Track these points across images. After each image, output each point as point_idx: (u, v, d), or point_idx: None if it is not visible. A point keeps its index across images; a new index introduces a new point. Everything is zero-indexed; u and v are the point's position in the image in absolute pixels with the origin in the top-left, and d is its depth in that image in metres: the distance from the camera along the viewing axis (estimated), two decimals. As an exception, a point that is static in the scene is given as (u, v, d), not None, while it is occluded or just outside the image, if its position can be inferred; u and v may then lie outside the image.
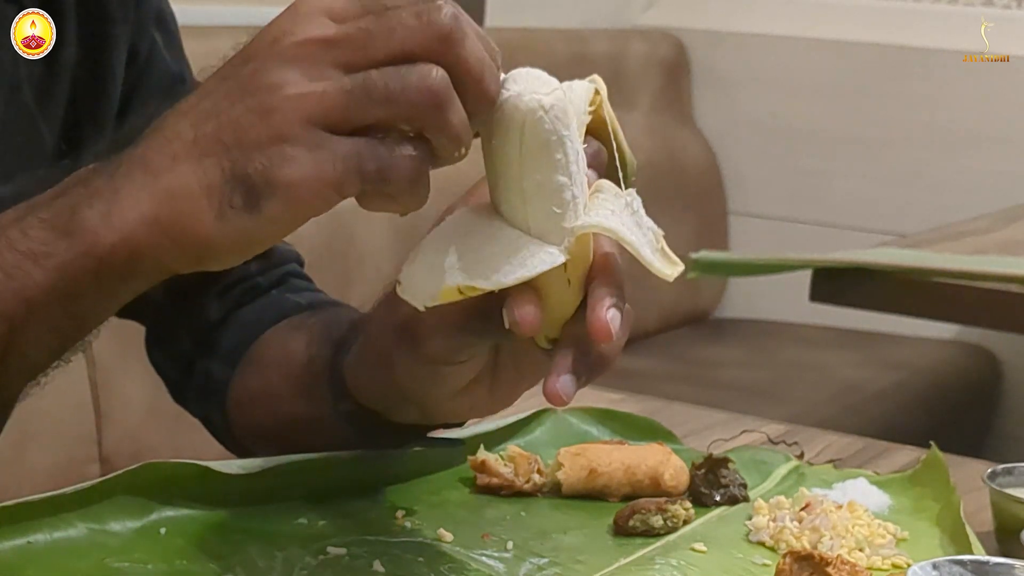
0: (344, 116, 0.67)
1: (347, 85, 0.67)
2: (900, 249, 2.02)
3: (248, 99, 0.68)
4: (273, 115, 0.67)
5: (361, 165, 0.67)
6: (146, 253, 0.71)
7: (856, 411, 2.54)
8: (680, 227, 2.98)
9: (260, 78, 0.68)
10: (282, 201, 0.67)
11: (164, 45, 1.04)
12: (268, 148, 0.67)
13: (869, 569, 0.84)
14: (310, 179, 0.67)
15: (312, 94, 0.67)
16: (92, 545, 0.78)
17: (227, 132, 0.68)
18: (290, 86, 0.67)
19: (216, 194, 0.68)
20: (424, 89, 0.67)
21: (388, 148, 0.68)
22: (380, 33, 0.68)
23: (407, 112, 0.67)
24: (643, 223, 0.74)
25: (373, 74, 0.67)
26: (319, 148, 0.67)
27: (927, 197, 2.95)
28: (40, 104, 0.95)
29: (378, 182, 0.68)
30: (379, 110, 0.67)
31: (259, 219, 0.68)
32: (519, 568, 0.82)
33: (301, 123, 0.67)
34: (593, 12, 3.20)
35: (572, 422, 1.06)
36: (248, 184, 0.68)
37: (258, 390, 0.99)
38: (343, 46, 0.68)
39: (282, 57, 0.68)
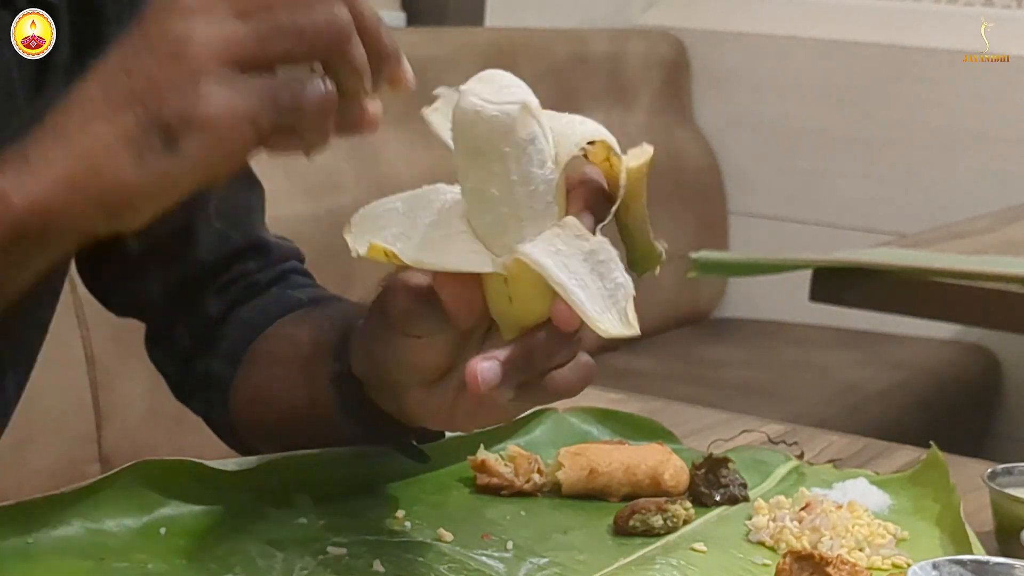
0: (254, 53, 0.69)
1: (255, 26, 0.69)
2: (900, 249, 2.02)
3: (156, 49, 0.70)
4: (184, 58, 0.69)
5: (275, 96, 0.69)
6: (61, 216, 0.71)
7: (856, 411, 2.54)
8: (680, 227, 2.98)
9: (165, 30, 0.70)
10: (200, 138, 0.68)
11: None
12: (182, 89, 0.68)
13: (869, 569, 0.84)
14: (227, 113, 0.68)
15: (221, 35, 0.69)
16: (92, 545, 0.78)
17: (138, 83, 0.69)
18: (197, 31, 0.69)
19: (134, 142, 0.69)
20: (331, 23, 0.69)
21: (299, 81, 0.70)
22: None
23: (315, 44, 0.70)
24: (608, 276, 0.73)
25: (281, 12, 0.69)
26: (232, 85, 0.68)
27: (927, 197, 2.94)
28: (33, 107, 0.95)
29: (291, 113, 0.69)
30: (287, 44, 0.69)
31: (179, 159, 0.69)
32: (519, 568, 0.82)
33: (213, 62, 0.68)
34: (593, 12, 3.20)
35: (572, 422, 1.06)
36: (165, 125, 0.68)
37: (263, 384, 0.99)
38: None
39: (184, 8, 0.70)
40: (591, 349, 0.77)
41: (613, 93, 2.99)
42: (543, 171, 0.72)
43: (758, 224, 3.17)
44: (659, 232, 0.77)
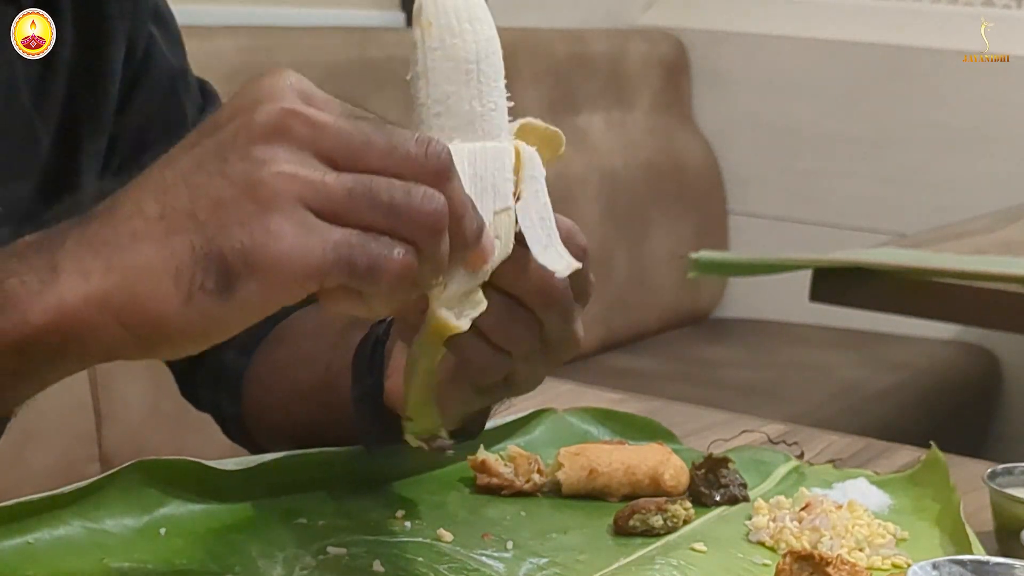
0: (338, 211, 0.62)
1: (348, 182, 0.62)
2: (900, 249, 2.02)
3: (229, 170, 0.62)
4: (260, 189, 0.61)
5: (352, 256, 0.62)
6: (85, 336, 0.64)
7: (856, 411, 2.54)
8: (680, 227, 2.98)
9: (245, 151, 0.62)
10: (260, 284, 0.61)
11: (163, 40, 1.04)
12: (251, 224, 0.61)
13: (869, 569, 0.84)
14: (295, 261, 0.61)
15: (307, 178, 0.62)
16: (91, 545, 0.78)
17: (202, 206, 0.62)
18: (281, 163, 0.62)
19: (185, 275, 0.62)
20: (430, 212, 0.63)
21: (381, 245, 0.62)
22: (379, 145, 0.64)
23: (406, 229, 0.63)
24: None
25: (377, 179, 0.63)
26: (309, 230, 0.61)
27: (927, 197, 2.95)
28: (36, 104, 0.95)
29: (365, 279, 0.62)
30: (379, 218, 0.62)
31: (230, 304, 0.62)
32: (519, 568, 0.82)
33: (292, 201, 0.61)
34: (593, 12, 3.20)
35: (572, 422, 1.06)
36: (224, 264, 0.61)
37: (283, 360, 0.99)
38: (337, 139, 0.63)
39: (268, 127, 0.62)
40: (591, 349, 0.77)
41: (613, 93, 2.99)
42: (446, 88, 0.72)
43: (758, 224, 3.17)
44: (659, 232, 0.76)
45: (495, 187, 0.72)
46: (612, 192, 2.82)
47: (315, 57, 2.33)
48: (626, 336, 2.85)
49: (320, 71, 2.31)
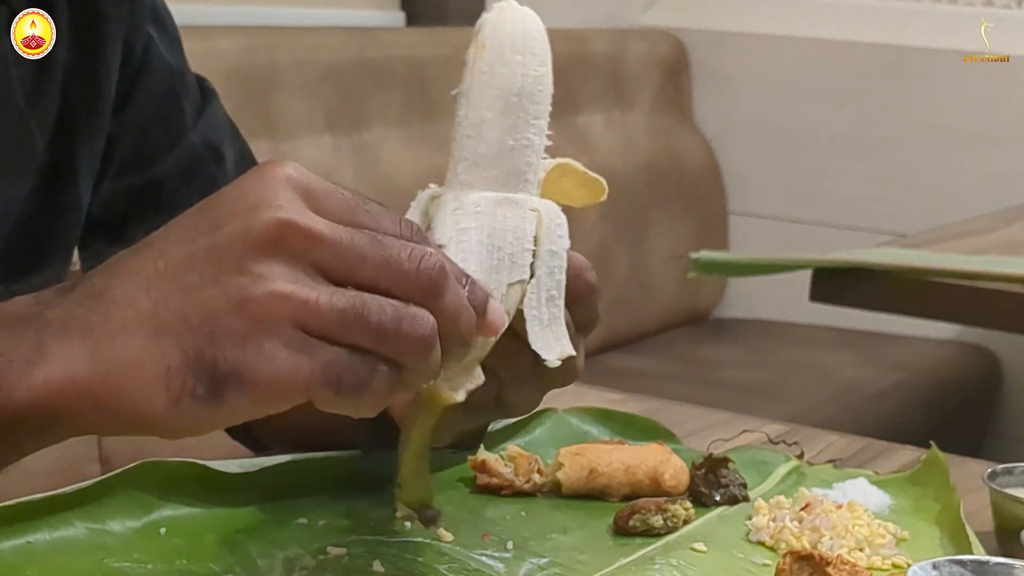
0: (327, 332, 0.63)
1: (339, 303, 0.63)
2: (900, 249, 2.02)
3: (223, 280, 0.63)
4: (254, 306, 0.62)
5: (340, 376, 0.63)
6: (66, 418, 0.65)
7: (856, 411, 2.54)
8: (680, 227, 2.98)
9: (238, 259, 0.63)
10: (248, 397, 0.63)
11: (160, 41, 1.04)
12: (244, 340, 0.62)
13: (869, 569, 0.84)
14: (285, 380, 0.63)
15: (299, 298, 0.63)
16: (92, 545, 0.78)
17: (195, 313, 0.63)
18: (275, 281, 0.63)
19: (176, 380, 0.62)
20: (417, 337, 0.64)
21: (368, 365, 0.64)
22: (374, 258, 0.65)
23: (394, 350, 0.64)
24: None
25: (368, 300, 0.64)
26: (299, 350, 0.63)
27: (927, 197, 2.95)
28: (31, 105, 0.95)
29: (350, 397, 0.64)
30: (367, 338, 0.64)
31: (218, 411, 0.63)
32: (519, 568, 0.82)
33: (284, 322, 0.62)
34: (593, 12, 3.20)
35: (572, 422, 1.06)
36: (215, 374, 0.62)
37: None
38: (331, 253, 0.64)
39: (264, 239, 0.63)
40: (591, 349, 0.77)
41: (613, 93, 2.99)
42: (484, 114, 0.72)
43: (758, 224, 3.17)
44: (659, 232, 0.76)
45: (512, 259, 0.72)
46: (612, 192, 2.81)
47: (315, 57, 2.32)
48: (626, 336, 2.85)
49: (320, 71, 2.31)
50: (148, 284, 0.64)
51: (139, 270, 0.65)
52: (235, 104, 2.03)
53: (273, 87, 2.23)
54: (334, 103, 2.33)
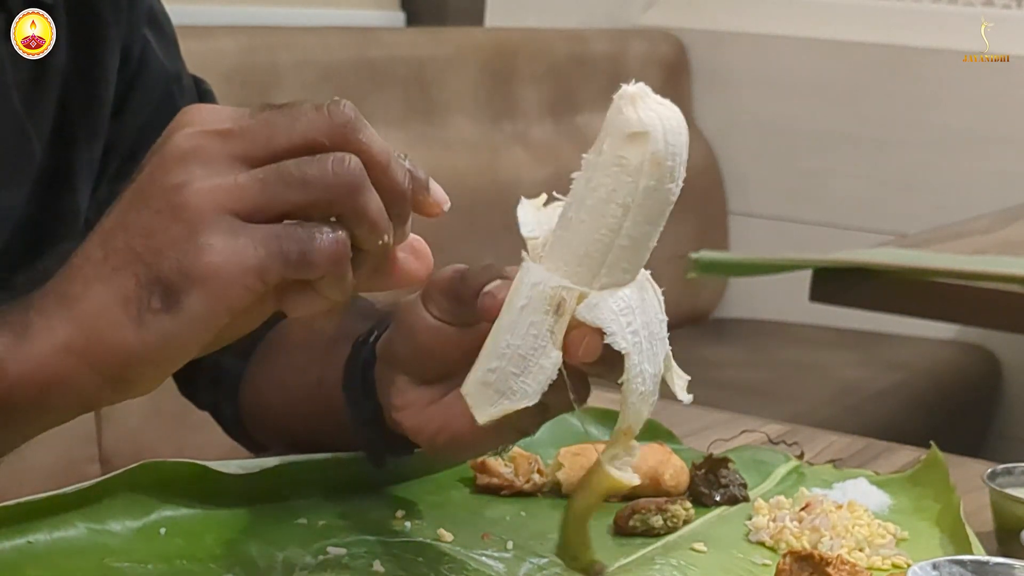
0: (258, 204, 0.65)
1: (259, 174, 0.65)
2: (900, 249, 2.02)
3: (153, 202, 0.66)
4: (183, 210, 0.64)
5: (282, 247, 0.64)
6: (59, 384, 0.68)
7: (856, 411, 2.54)
8: (680, 227, 2.97)
9: (161, 180, 0.66)
10: (202, 294, 0.64)
11: (157, 44, 1.04)
12: (181, 242, 0.64)
13: (869, 569, 0.84)
14: (230, 266, 0.64)
15: (222, 184, 0.65)
16: (92, 545, 0.78)
17: (136, 240, 0.66)
18: (196, 180, 0.65)
19: (132, 302, 0.65)
20: (341, 173, 0.65)
21: (308, 231, 0.65)
22: (281, 124, 0.66)
23: (324, 196, 0.65)
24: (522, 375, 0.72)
25: (289, 163, 0.65)
26: (236, 234, 0.64)
27: (927, 197, 2.94)
28: (28, 109, 0.95)
29: (300, 266, 0.65)
30: (295, 194, 0.65)
31: (180, 318, 0.65)
32: (519, 568, 0.82)
33: (213, 211, 0.64)
34: (593, 12, 3.20)
35: (572, 422, 1.05)
36: (165, 283, 0.64)
37: (277, 369, 0.99)
38: (243, 137, 0.66)
39: (178, 154, 0.66)
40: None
41: (613, 93, 2.98)
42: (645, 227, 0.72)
43: (758, 224, 3.17)
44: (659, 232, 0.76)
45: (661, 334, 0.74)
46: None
47: (315, 57, 2.32)
48: (626, 336, 2.84)
49: (320, 71, 2.31)
50: (99, 239, 0.68)
51: (93, 234, 0.68)
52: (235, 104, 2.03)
53: (273, 87, 2.22)
54: (334, 103, 2.32)
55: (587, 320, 0.71)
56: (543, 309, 0.71)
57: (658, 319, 0.74)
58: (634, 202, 0.70)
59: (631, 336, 0.71)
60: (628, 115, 0.70)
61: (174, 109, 1.05)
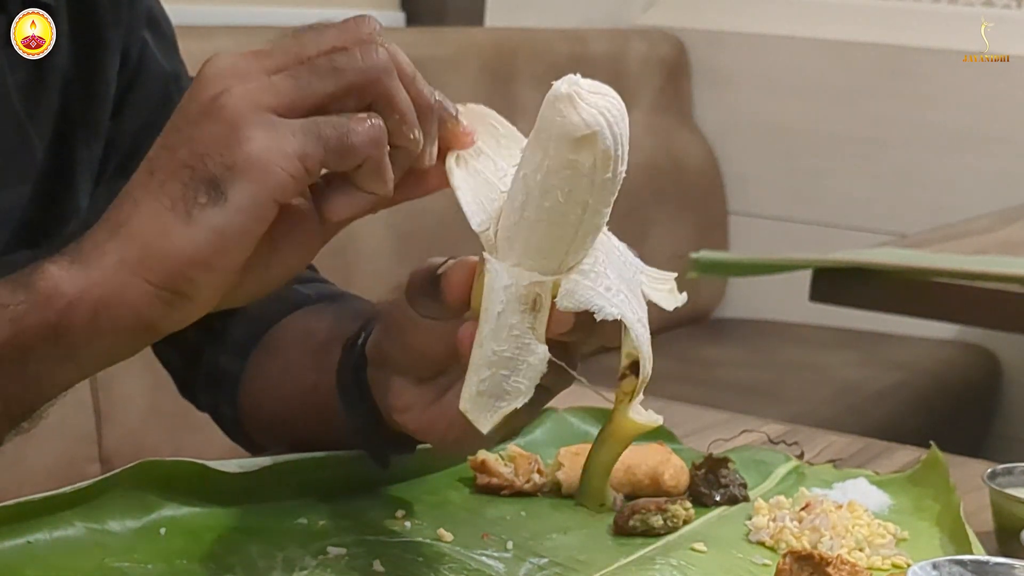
0: (294, 98, 0.68)
1: (293, 73, 0.68)
2: (900, 249, 2.02)
3: (193, 116, 0.69)
4: (222, 112, 0.68)
5: (321, 132, 0.67)
6: (116, 299, 0.69)
7: (856, 411, 2.54)
8: (680, 227, 2.98)
9: (198, 96, 0.69)
10: (247, 183, 0.67)
11: (156, 45, 1.04)
12: (223, 140, 0.67)
13: (869, 569, 0.84)
14: (271, 153, 0.67)
15: (257, 86, 0.68)
16: (92, 545, 0.78)
17: (181, 152, 0.68)
18: (233, 88, 0.68)
19: (180, 204, 0.68)
20: (370, 59, 0.68)
21: (344, 118, 0.68)
22: (310, 37, 0.69)
23: (355, 80, 0.69)
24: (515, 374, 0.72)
25: (319, 60, 0.69)
26: (275, 127, 0.67)
27: (927, 197, 2.95)
28: (29, 111, 0.95)
29: (340, 150, 0.68)
30: (327, 84, 0.68)
31: (228, 209, 0.67)
32: (519, 568, 0.82)
33: (252, 110, 0.67)
34: (593, 12, 3.20)
35: (572, 422, 1.06)
36: (210, 179, 0.67)
37: (274, 372, 0.99)
38: (275, 54, 0.69)
39: (214, 73, 0.69)
40: (592, 349, 0.78)
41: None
42: (604, 212, 0.72)
43: (758, 224, 3.17)
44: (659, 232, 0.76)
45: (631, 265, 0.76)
46: (612, 192, 2.81)
47: (315, 57, 2.32)
48: (626, 336, 2.84)
49: (320, 71, 2.31)
50: (145, 165, 0.70)
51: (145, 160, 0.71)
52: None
53: (273, 87, 2.22)
54: (334, 103, 2.32)
55: (570, 308, 0.71)
56: (520, 309, 0.71)
57: (623, 261, 0.74)
58: (592, 197, 0.70)
59: (615, 298, 0.72)
60: (571, 119, 0.69)
61: (172, 109, 1.05)
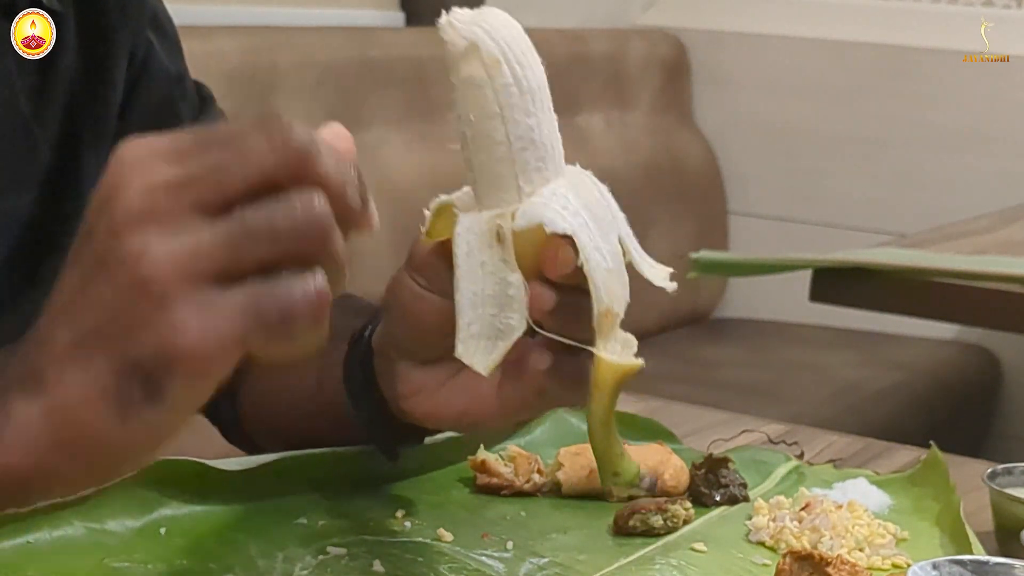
0: (226, 265, 0.59)
1: (221, 230, 0.59)
2: (900, 249, 2.02)
3: (114, 276, 0.59)
4: (148, 285, 0.58)
5: (260, 310, 0.59)
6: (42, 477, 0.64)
7: (856, 411, 2.54)
8: (680, 227, 2.98)
9: (117, 249, 0.59)
10: (184, 378, 0.59)
11: (160, 47, 1.04)
12: (152, 323, 0.58)
13: (869, 569, 0.84)
14: (209, 343, 0.58)
15: (183, 250, 0.58)
16: (92, 545, 0.78)
17: (102, 319, 0.60)
18: (155, 246, 0.58)
19: (112, 394, 0.60)
20: (312, 219, 0.59)
21: (285, 287, 0.59)
22: (233, 165, 0.59)
23: (296, 246, 0.59)
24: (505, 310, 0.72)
25: (249, 211, 0.59)
26: (209, 306, 0.58)
27: (927, 197, 2.95)
28: (36, 113, 0.94)
29: (282, 327, 0.59)
30: (264, 249, 0.59)
31: (165, 407, 0.60)
32: (519, 568, 0.82)
33: (181, 284, 0.58)
34: (593, 12, 3.20)
35: (572, 422, 1.06)
36: (143, 371, 0.59)
37: (277, 371, 0.99)
38: (194, 186, 0.59)
39: (130, 217, 0.59)
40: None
41: (613, 93, 2.99)
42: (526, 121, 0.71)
43: (758, 224, 3.17)
44: (659, 232, 0.76)
45: (612, 212, 0.74)
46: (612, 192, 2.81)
47: (315, 57, 2.32)
48: (626, 336, 2.85)
49: (320, 71, 2.31)
50: (63, 316, 0.62)
51: (52, 306, 0.63)
52: (235, 104, 2.03)
53: (273, 87, 2.23)
54: (334, 103, 2.33)
55: (524, 226, 0.71)
56: (486, 244, 0.72)
57: (601, 203, 0.73)
58: (501, 105, 0.70)
59: (572, 217, 0.71)
60: (450, 40, 0.70)
61: (175, 112, 1.05)
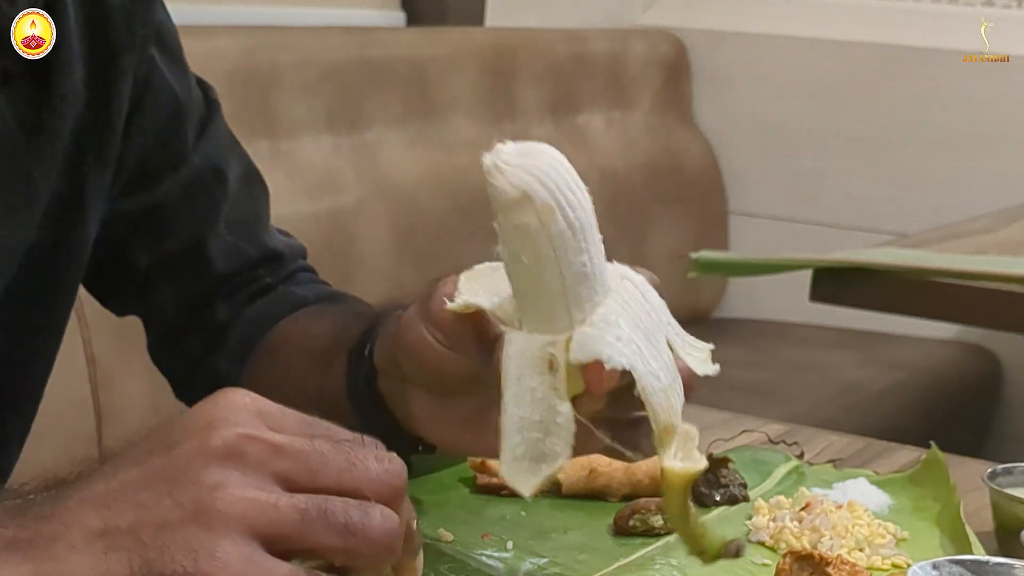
0: (289, 534, 0.58)
1: (301, 504, 0.59)
2: (900, 249, 2.02)
3: (178, 494, 0.58)
4: (208, 514, 0.57)
5: None
6: None
7: (856, 411, 2.54)
8: (680, 227, 2.98)
9: (198, 471, 0.59)
10: None
11: (163, 63, 1.02)
12: (196, 549, 0.57)
13: (869, 569, 0.84)
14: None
15: (258, 500, 0.58)
16: None
17: (146, 527, 0.58)
18: (232, 486, 0.58)
19: None
20: (386, 532, 0.60)
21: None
22: (335, 464, 0.61)
23: (362, 549, 0.59)
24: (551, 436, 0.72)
25: (333, 499, 0.59)
26: (254, 563, 0.57)
27: (927, 197, 2.94)
28: (34, 142, 0.92)
29: None
30: (334, 539, 0.59)
31: None
32: (519, 568, 0.82)
33: (240, 529, 0.57)
34: (593, 12, 3.20)
35: (572, 422, 1.06)
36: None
37: (274, 374, 0.99)
38: (292, 459, 0.60)
39: (221, 451, 0.59)
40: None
41: (613, 93, 2.99)
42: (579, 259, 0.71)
43: (758, 224, 3.17)
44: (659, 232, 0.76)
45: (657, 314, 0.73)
46: (612, 192, 2.82)
47: (315, 57, 2.32)
48: (626, 336, 2.84)
49: (320, 71, 2.31)
50: (99, 503, 0.60)
51: (89, 492, 0.61)
52: (236, 104, 2.03)
53: (273, 87, 2.23)
54: (334, 103, 2.33)
55: (582, 360, 0.71)
56: (538, 371, 0.71)
57: (645, 311, 0.73)
58: (555, 249, 0.70)
59: (625, 348, 0.71)
60: (500, 187, 0.68)
61: (179, 127, 1.03)
